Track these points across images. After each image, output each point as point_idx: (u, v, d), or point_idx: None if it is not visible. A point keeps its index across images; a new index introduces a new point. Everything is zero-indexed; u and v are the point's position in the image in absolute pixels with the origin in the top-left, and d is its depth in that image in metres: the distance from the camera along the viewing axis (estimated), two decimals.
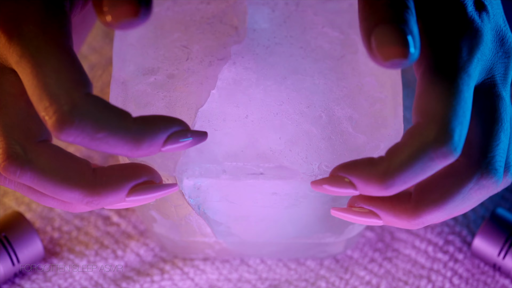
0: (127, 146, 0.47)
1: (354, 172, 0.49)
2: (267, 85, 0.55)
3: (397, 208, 0.50)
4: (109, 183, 0.50)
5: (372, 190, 0.48)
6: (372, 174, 0.48)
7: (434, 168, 0.47)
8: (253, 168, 0.53)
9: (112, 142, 0.47)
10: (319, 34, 0.57)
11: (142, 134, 0.47)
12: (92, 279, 0.64)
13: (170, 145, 0.48)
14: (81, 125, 0.46)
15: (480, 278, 0.64)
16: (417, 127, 0.47)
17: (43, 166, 0.49)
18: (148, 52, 0.56)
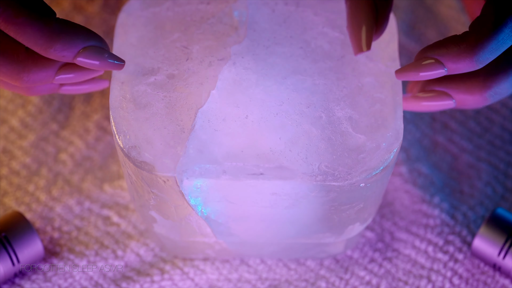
0: (42, 40, 0.48)
1: (442, 51, 0.49)
2: (267, 85, 0.55)
3: (469, 83, 0.51)
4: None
5: (462, 66, 0.49)
6: (462, 48, 0.49)
7: None
8: (253, 168, 0.53)
9: (29, 31, 0.48)
10: (319, 34, 0.57)
11: (60, 33, 0.49)
12: (92, 279, 0.64)
13: (84, 57, 0.49)
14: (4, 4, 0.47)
15: (480, 278, 0.64)
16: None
17: None
18: (148, 52, 0.56)
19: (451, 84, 0.52)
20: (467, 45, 0.49)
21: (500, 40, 0.49)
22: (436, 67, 0.50)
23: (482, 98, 0.52)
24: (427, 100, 0.53)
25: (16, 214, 0.63)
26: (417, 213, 0.66)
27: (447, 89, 0.52)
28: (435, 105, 0.53)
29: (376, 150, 0.53)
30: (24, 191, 0.67)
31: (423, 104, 0.53)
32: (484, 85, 0.52)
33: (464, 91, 0.52)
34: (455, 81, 0.52)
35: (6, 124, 0.69)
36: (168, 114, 0.54)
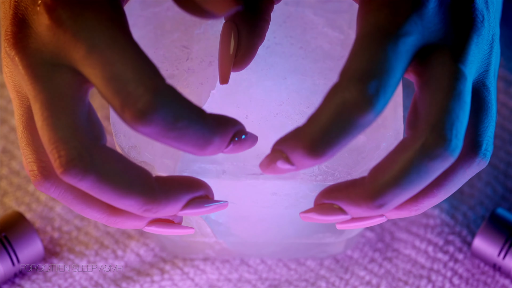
0: (201, 140, 0.46)
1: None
2: (267, 85, 0.55)
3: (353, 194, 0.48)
4: (170, 193, 0.48)
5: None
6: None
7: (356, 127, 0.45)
8: (253, 168, 0.53)
9: (190, 133, 0.45)
10: (319, 34, 0.57)
11: (216, 129, 0.46)
12: (92, 279, 0.64)
13: (232, 145, 0.47)
14: (164, 112, 0.44)
15: (480, 278, 0.64)
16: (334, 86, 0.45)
17: (108, 170, 0.46)
18: (148, 52, 0.56)
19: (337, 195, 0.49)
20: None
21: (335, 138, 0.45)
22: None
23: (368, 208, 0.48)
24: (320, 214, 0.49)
25: (16, 214, 0.63)
26: None
27: (336, 201, 0.49)
28: (329, 219, 0.49)
29: (376, 150, 0.53)
30: (24, 191, 0.67)
31: (318, 218, 0.50)
32: (369, 196, 0.47)
33: (350, 202, 0.48)
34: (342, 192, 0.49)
35: (6, 124, 0.69)
36: None
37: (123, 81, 0.44)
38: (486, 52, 0.49)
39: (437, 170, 0.47)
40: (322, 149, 0.45)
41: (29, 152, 0.48)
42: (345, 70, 0.45)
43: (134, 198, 0.47)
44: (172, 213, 0.49)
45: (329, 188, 0.49)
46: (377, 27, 0.46)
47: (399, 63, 0.46)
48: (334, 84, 0.45)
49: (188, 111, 0.45)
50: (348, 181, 0.49)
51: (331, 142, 0.45)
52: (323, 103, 0.45)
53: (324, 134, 0.45)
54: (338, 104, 0.45)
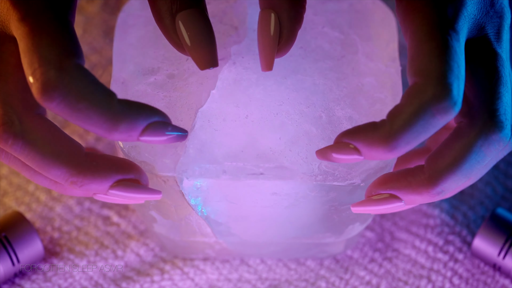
0: (106, 124, 0.47)
1: (357, 137, 0.49)
2: (267, 85, 0.55)
3: (414, 183, 0.51)
4: (97, 169, 0.50)
5: (377, 154, 0.48)
6: (376, 137, 0.48)
7: (436, 126, 0.48)
8: (253, 168, 0.53)
9: (92, 116, 0.47)
10: (319, 34, 0.57)
11: (123, 115, 0.48)
12: (92, 279, 0.64)
13: (148, 135, 0.49)
14: (65, 92, 0.46)
15: (480, 278, 0.64)
16: (415, 86, 0.48)
17: (36, 138, 0.49)
18: (148, 52, 0.56)
19: (397, 185, 0.51)
20: (380, 134, 0.48)
21: (415, 132, 0.48)
22: (352, 153, 0.49)
23: (429, 196, 0.51)
24: (375, 204, 0.52)
25: (16, 214, 0.63)
26: (417, 213, 0.66)
27: (393, 191, 0.51)
28: (385, 209, 0.52)
29: None
30: (24, 191, 0.67)
31: (371, 209, 0.52)
32: (430, 184, 0.50)
33: (410, 191, 0.51)
34: (400, 182, 0.51)
35: None
36: (168, 114, 0.54)
37: (37, 55, 0.47)
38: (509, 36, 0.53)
39: (493, 155, 0.50)
40: (400, 145, 0.48)
41: None
42: (422, 69, 0.48)
43: (60, 169, 0.49)
44: (100, 190, 0.50)
45: (383, 178, 0.52)
46: (436, 22, 0.49)
47: (463, 57, 0.49)
48: (414, 83, 0.48)
49: (93, 92, 0.47)
50: (403, 170, 0.51)
51: (410, 140, 0.48)
52: (404, 101, 0.48)
53: (405, 131, 0.47)
54: (422, 103, 0.47)
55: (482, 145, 0.50)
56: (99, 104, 0.47)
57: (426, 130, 0.48)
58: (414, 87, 0.48)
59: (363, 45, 0.57)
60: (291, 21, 0.51)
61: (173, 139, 0.50)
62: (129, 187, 0.51)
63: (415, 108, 0.47)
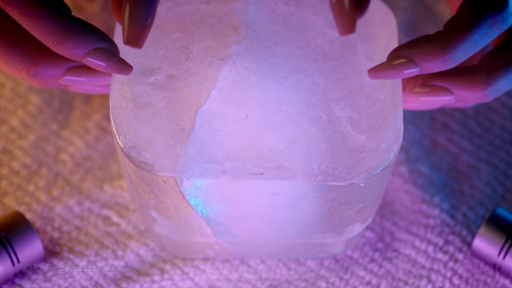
0: (54, 36, 0.49)
1: (415, 50, 0.50)
2: (267, 85, 0.55)
3: (470, 79, 0.52)
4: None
5: (435, 65, 0.50)
6: (435, 47, 0.50)
7: (491, 36, 0.50)
8: (253, 168, 0.53)
9: (42, 25, 0.49)
10: (319, 34, 0.57)
11: (72, 31, 0.49)
12: (92, 279, 0.64)
13: (93, 57, 0.50)
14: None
15: (480, 278, 0.64)
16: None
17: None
18: (148, 52, 0.56)
19: (453, 79, 0.53)
20: (439, 44, 0.50)
21: (473, 41, 0.50)
22: (409, 66, 0.51)
23: (482, 94, 0.53)
24: (426, 95, 0.54)
25: (16, 214, 0.63)
26: (417, 213, 0.66)
27: (448, 84, 0.53)
28: (435, 100, 0.54)
29: (376, 150, 0.53)
30: (24, 191, 0.67)
31: (422, 99, 0.54)
32: (486, 82, 0.53)
33: (465, 87, 0.53)
34: (456, 77, 0.53)
35: (6, 124, 0.69)
36: (168, 114, 0.54)
37: None
38: None
39: None
40: (458, 54, 0.50)
41: None
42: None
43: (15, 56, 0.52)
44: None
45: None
46: None
47: None
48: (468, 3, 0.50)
49: (47, 4, 0.49)
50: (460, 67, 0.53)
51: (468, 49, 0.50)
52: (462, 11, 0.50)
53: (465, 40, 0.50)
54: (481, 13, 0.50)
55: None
56: (52, 17, 0.49)
57: (482, 40, 0.50)
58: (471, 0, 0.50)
59: (363, 45, 0.57)
60: None
61: (116, 68, 0.51)
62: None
63: (474, 18, 0.49)
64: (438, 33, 0.50)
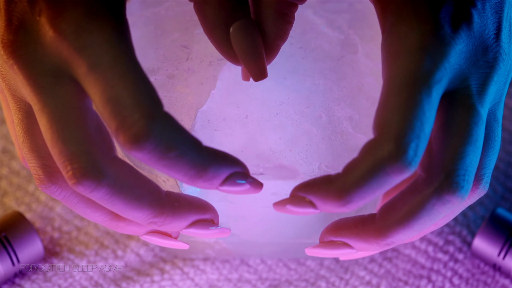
0: (193, 171, 0.46)
1: (311, 190, 0.48)
2: (267, 85, 0.55)
3: (364, 232, 0.50)
4: (178, 210, 0.49)
5: (331, 207, 0.47)
6: (330, 191, 0.47)
7: (390, 183, 0.46)
8: (253, 168, 0.53)
9: (181, 164, 0.46)
10: (319, 34, 0.57)
11: (210, 163, 0.46)
12: (92, 279, 0.64)
13: (228, 185, 0.47)
14: (157, 140, 0.45)
15: (480, 278, 0.64)
16: (372, 141, 0.46)
17: (120, 183, 0.47)
18: (148, 52, 0.56)
19: (347, 233, 0.50)
20: (335, 188, 0.47)
21: (369, 188, 0.46)
22: (308, 206, 0.48)
23: (379, 246, 0.50)
24: (327, 249, 0.51)
25: (16, 214, 0.63)
26: None
27: (343, 239, 0.51)
28: (336, 254, 0.51)
29: None
30: (24, 191, 0.67)
31: (324, 253, 0.52)
32: (379, 235, 0.49)
33: (360, 240, 0.50)
34: (351, 230, 0.50)
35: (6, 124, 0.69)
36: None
37: (121, 105, 0.45)
38: (502, 84, 0.50)
39: (446, 212, 0.49)
40: (354, 200, 0.47)
41: (33, 158, 0.49)
42: (382, 124, 0.46)
43: (143, 211, 0.48)
44: (177, 229, 0.50)
45: (336, 225, 0.51)
46: (410, 74, 0.46)
47: (433, 113, 0.46)
48: (372, 139, 0.46)
49: (182, 141, 0.46)
50: (355, 218, 0.50)
51: (363, 195, 0.46)
52: (360, 156, 0.46)
53: (358, 187, 0.46)
54: (376, 160, 0.46)
55: (435, 203, 0.48)
56: (188, 153, 0.46)
57: (380, 187, 0.46)
58: (371, 142, 0.46)
59: (363, 45, 0.57)
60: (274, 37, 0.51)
61: (250, 190, 0.49)
62: (204, 226, 0.50)
63: (369, 165, 0.46)
64: (336, 176, 0.47)
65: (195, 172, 0.46)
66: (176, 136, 0.45)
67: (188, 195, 0.50)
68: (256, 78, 0.51)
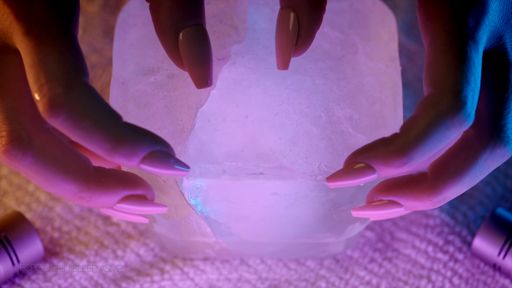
0: (108, 145, 0.47)
1: (371, 154, 0.49)
2: (267, 85, 0.55)
3: (416, 190, 0.51)
4: (105, 184, 0.50)
5: (393, 169, 0.48)
6: (391, 151, 0.48)
7: (450, 137, 0.48)
8: (253, 168, 0.53)
9: (95, 135, 0.47)
10: (319, 34, 0.57)
11: (126, 138, 0.47)
12: (92, 279, 0.64)
13: (149, 163, 0.48)
14: (71, 109, 0.46)
15: (480, 278, 0.64)
16: (430, 97, 0.48)
17: (45, 154, 0.49)
18: (148, 52, 0.56)
19: (399, 192, 0.51)
20: (395, 148, 0.48)
21: (430, 144, 0.48)
22: (367, 172, 0.49)
23: (431, 203, 0.51)
24: (376, 209, 0.52)
25: (16, 214, 0.63)
26: (417, 213, 0.66)
27: (395, 197, 0.51)
28: (385, 214, 0.52)
29: None
30: (24, 191, 0.67)
31: (372, 214, 0.52)
32: (432, 192, 0.51)
33: (412, 198, 0.51)
34: (403, 189, 0.51)
35: None
36: (168, 114, 0.54)
37: (43, 71, 0.46)
38: None
39: (497, 166, 0.51)
40: (415, 157, 0.48)
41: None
42: (437, 80, 0.48)
43: (69, 184, 0.49)
44: (107, 205, 0.51)
45: (385, 184, 0.51)
46: (457, 31, 0.48)
47: (480, 68, 0.49)
48: (428, 95, 0.48)
49: (99, 112, 0.47)
50: (405, 177, 0.51)
51: (424, 152, 0.48)
52: (418, 113, 0.48)
53: (420, 143, 0.47)
54: (437, 114, 0.47)
55: (487, 158, 0.50)
56: (103, 124, 0.47)
57: (440, 142, 0.48)
58: (430, 98, 0.48)
59: (363, 45, 0.57)
60: (310, 22, 0.51)
61: (174, 172, 0.49)
62: (136, 202, 0.51)
63: (430, 120, 0.47)
64: (394, 136, 0.48)
65: (111, 145, 0.47)
66: (92, 106, 0.47)
67: (120, 171, 0.51)
68: (199, 86, 0.52)
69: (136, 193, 0.51)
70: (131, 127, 0.48)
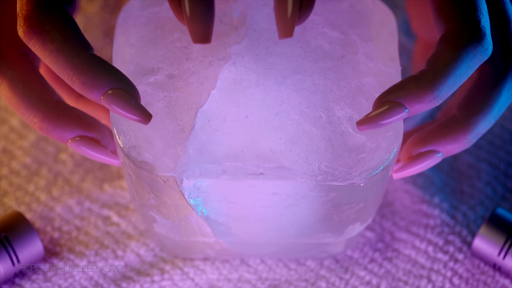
0: (72, 71, 0.49)
1: (402, 92, 0.50)
2: (267, 85, 0.55)
3: (451, 133, 0.53)
4: (62, 118, 0.52)
5: (424, 105, 0.50)
6: (421, 86, 0.50)
7: (474, 67, 0.50)
8: (253, 168, 0.53)
9: (61, 59, 0.48)
10: (319, 34, 0.57)
11: (89, 68, 0.49)
12: (92, 279, 0.64)
13: (109, 99, 0.49)
14: (43, 30, 0.48)
15: (480, 278, 0.64)
16: (450, 32, 0.50)
17: (11, 75, 0.51)
18: (148, 52, 0.56)
19: (434, 139, 0.54)
20: (425, 82, 0.50)
21: (457, 74, 0.50)
22: (398, 111, 0.50)
23: (467, 141, 0.54)
24: (415, 164, 0.54)
25: (16, 214, 0.63)
26: (417, 213, 0.66)
27: (432, 146, 0.54)
28: (425, 166, 0.54)
29: (376, 150, 0.53)
30: (24, 191, 0.67)
31: (412, 170, 0.54)
32: (467, 129, 0.53)
33: (449, 141, 0.54)
34: (437, 135, 0.54)
35: (6, 124, 0.69)
36: (168, 114, 0.54)
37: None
38: None
39: None
40: (445, 90, 0.50)
41: None
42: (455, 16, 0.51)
43: (29, 111, 0.52)
44: (61, 139, 0.52)
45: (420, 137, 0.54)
46: None
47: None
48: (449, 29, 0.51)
49: (68, 38, 0.49)
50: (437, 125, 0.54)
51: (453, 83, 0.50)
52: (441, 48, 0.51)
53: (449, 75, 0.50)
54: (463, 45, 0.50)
55: (509, 88, 0.53)
56: (69, 50, 0.49)
57: (466, 72, 0.50)
58: (450, 33, 0.50)
59: (363, 45, 0.57)
60: None
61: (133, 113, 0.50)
62: (88, 144, 0.53)
63: (455, 52, 0.50)
64: (421, 72, 0.50)
65: (74, 72, 0.49)
66: (63, 31, 0.49)
67: (82, 112, 0.53)
68: (196, 40, 0.51)
69: (90, 136, 0.53)
70: (99, 59, 0.49)
